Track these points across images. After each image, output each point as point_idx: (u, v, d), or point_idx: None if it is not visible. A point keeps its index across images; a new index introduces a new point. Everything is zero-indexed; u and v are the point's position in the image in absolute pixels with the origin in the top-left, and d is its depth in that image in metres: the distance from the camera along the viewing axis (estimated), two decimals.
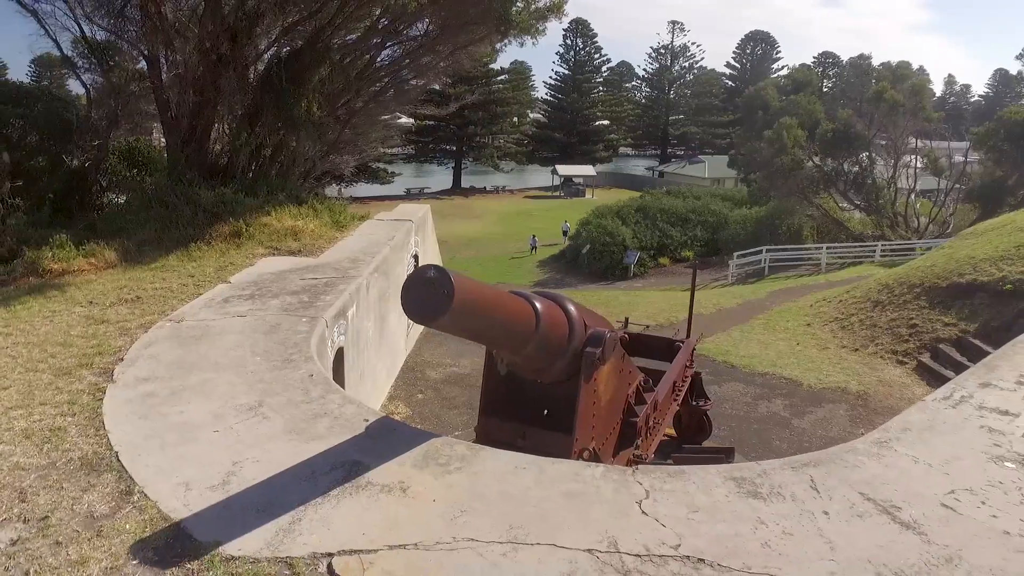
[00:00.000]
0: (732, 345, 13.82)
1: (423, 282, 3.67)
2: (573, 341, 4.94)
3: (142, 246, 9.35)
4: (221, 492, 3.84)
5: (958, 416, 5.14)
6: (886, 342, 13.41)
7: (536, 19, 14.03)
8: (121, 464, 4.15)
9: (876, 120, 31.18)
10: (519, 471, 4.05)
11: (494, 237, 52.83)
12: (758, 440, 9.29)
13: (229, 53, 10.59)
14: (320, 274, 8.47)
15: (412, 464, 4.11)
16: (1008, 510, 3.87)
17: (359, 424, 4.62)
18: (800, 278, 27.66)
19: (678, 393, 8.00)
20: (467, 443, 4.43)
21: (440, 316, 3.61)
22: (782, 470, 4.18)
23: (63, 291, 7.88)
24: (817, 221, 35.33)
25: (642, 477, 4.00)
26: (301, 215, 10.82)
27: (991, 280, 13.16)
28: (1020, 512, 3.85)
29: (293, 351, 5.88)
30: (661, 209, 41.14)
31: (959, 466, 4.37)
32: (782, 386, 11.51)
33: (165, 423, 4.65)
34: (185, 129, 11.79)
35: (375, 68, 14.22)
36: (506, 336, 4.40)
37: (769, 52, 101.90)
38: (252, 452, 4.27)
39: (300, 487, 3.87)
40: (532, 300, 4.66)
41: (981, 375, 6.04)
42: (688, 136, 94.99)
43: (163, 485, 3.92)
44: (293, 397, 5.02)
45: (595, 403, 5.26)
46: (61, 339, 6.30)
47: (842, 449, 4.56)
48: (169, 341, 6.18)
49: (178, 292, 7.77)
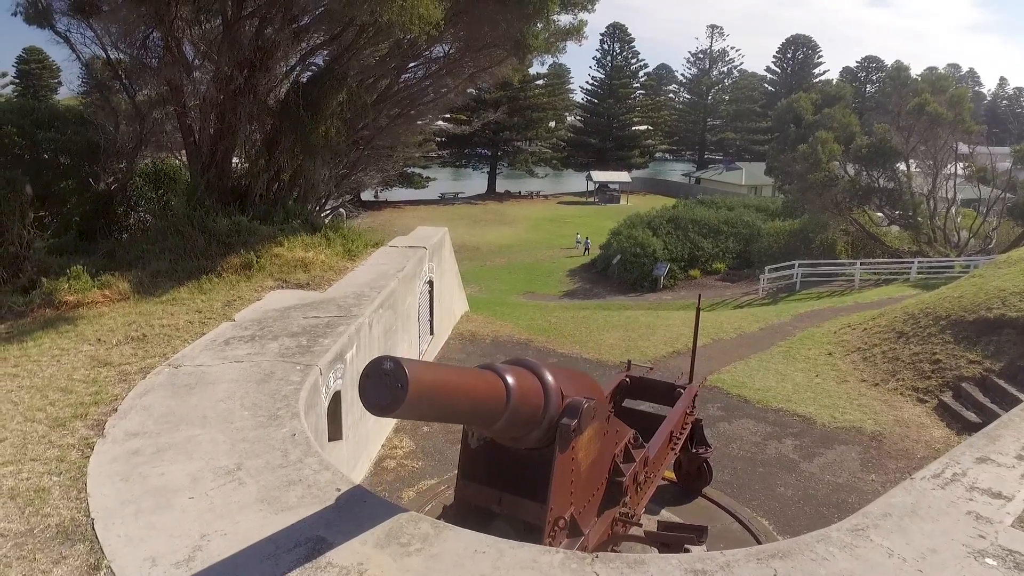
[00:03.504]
0: (748, 376, 13.61)
1: (379, 373, 3.69)
2: (549, 411, 4.91)
3: (156, 277, 9.59)
4: (185, 569, 3.92)
5: (945, 499, 4.99)
6: (907, 378, 13.07)
7: (556, 40, 14.02)
8: (95, 533, 4.27)
9: (915, 133, 30.38)
10: (477, 555, 4.05)
11: (526, 244, 52.86)
12: (762, 486, 9.13)
13: (246, 82, 10.80)
14: (323, 311, 8.58)
15: (374, 543, 4.15)
16: None
17: (331, 494, 4.68)
18: (830, 297, 27.13)
19: (676, 441, 7.92)
20: (432, 520, 4.45)
21: (394, 408, 3.62)
22: (746, 563, 4.11)
23: (75, 325, 8.12)
24: (852, 236, 34.59)
25: (600, 567, 3.98)
26: (313, 244, 10.97)
27: (1020, 316, 12.73)
28: None
29: (281, 405, 5.97)
30: (693, 220, 40.68)
31: (935, 561, 4.24)
32: (794, 424, 11.29)
33: (144, 486, 4.77)
34: (206, 155, 12.05)
35: (395, 91, 14.34)
36: (473, 416, 4.41)
37: (811, 56, 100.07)
38: (222, 523, 4.35)
39: (261, 566, 3.93)
40: (504, 375, 4.64)
41: (980, 447, 5.86)
42: (726, 142, 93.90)
43: (131, 559, 4.02)
44: (271, 460, 5.10)
45: (573, 470, 5.22)
46: (64, 383, 6.50)
47: (814, 538, 4.46)
48: (164, 389, 6.32)
49: (183, 330, 7.95)
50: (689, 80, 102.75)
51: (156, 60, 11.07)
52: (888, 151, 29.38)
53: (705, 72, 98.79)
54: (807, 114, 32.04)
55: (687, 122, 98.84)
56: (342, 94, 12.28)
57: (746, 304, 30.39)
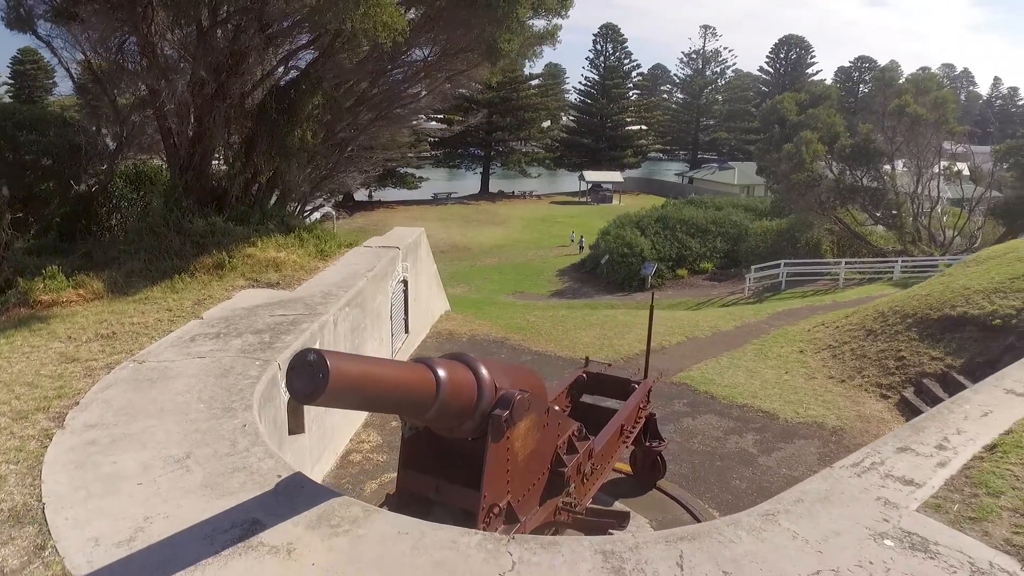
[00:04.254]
0: (718, 373, 13.89)
1: (303, 364, 3.94)
2: (482, 403, 5.16)
3: (130, 277, 9.84)
4: (125, 548, 4.19)
5: (859, 486, 5.25)
6: (872, 374, 13.37)
7: (530, 44, 14.30)
8: (44, 517, 4.53)
9: (899, 133, 30.73)
10: (400, 536, 4.32)
11: (517, 244, 53.19)
12: (717, 479, 9.41)
13: (220, 87, 11.05)
14: (290, 310, 8.85)
15: (306, 525, 4.42)
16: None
17: (271, 480, 4.95)
18: (812, 296, 27.44)
19: (628, 435, 8.19)
20: (363, 504, 4.71)
21: (316, 396, 3.88)
22: (655, 544, 4.37)
23: (47, 324, 8.38)
24: (837, 235, 34.93)
25: (515, 548, 4.25)
26: (286, 245, 11.23)
27: (981, 313, 13.03)
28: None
29: (236, 398, 6.24)
30: (681, 220, 41.06)
31: (836, 543, 4.49)
32: (757, 419, 11.57)
33: (96, 474, 5.03)
34: (184, 157, 12.30)
35: (373, 94, 14.60)
36: (399, 406, 4.67)
37: (803, 57, 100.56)
38: (165, 507, 4.61)
39: (197, 546, 4.20)
40: (436, 368, 4.90)
41: (904, 438, 6.12)
42: (719, 142, 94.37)
43: (75, 540, 4.28)
44: (220, 449, 5.36)
45: (509, 459, 5.48)
46: (31, 379, 6.76)
47: (725, 522, 4.72)
48: (126, 384, 6.58)
49: (152, 328, 8.21)
50: (682, 80, 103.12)
51: (133, 65, 11.32)
52: (871, 151, 29.75)
53: (698, 72, 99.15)
54: (791, 115, 32.39)
55: (680, 122, 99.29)
56: (317, 98, 12.54)
57: (732, 303, 30.71)
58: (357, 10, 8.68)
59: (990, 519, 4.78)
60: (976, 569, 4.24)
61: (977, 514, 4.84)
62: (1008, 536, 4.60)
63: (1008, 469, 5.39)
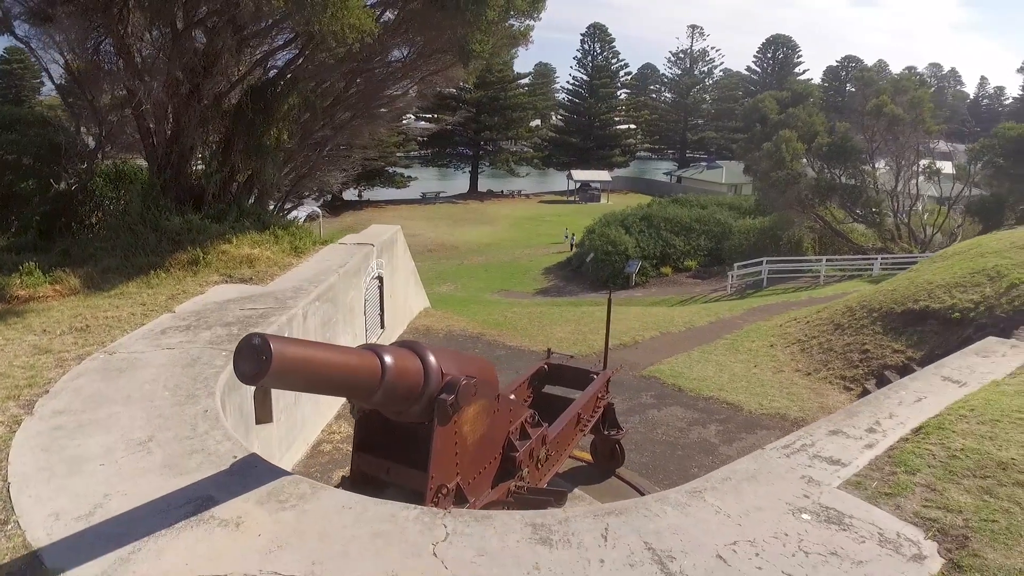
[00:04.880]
0: (687, 367, 14.22)
1: (249, 347, 4.22)
2: (428, 388, 5.43)
3: (106, 273, 10.08)
4: (84, 522, 4.45)
5: (786, 465, 5.55)
6: (837, 367, 13.73)
7: (503, 45, 14.59)
8: (9, 495, 4.78)
9: (877, 133, 31.22)
10: (344, 510, 4.60)
11: (504, 243, 53.52)
12: (676, 467, 9.72)
13: (195, 88, 11.29)
14: (260, 304, 9.11)
15: (255, 500, 4.69)
16: (776, 562, 4.22)
17: (227, 461, 5.21)
18: (789, 292, 27.83)
19: (585, 424, 8.49)
20: (311, 482, 4.99)
21: (259, 377, 4.16)
22: (584, 518, 4.65)
23: (23, 318, 8.61)
24: (818, 233, 35.40)
25: (450, 520, 4.53)
26: (260, 242, 11.49)
27: (942, 307, 13.40)
28: (785, 564, 4.24)
29: (200, 386, 6.50)
30: (665, 218, 41.51)
31: (756, 517, 4.77)
32: (722, 411, 11.90)
33: (61, 456, 5.29)
34: (162, 156, 12.54)
35: (350, 94, 14.86)
36: (345, 388, 4.95)
37: (791, 56, 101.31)
38: (125, 485, 4.87)
39: (152, 520, 4.46)
40: (383, 354, 5.18)
41: (837, 422, 6.43)
42: (707, 141, 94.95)
43: (37, 515, 4.54)
44: (180, 432, 5.63)
45: (457, 443, 5.77)
46: (3, 369, 6.99)
47: (654, 498, 5.02)
48: (96, 373, 6.84)
49: (125, 321, 8.45)
50: (670, 80, 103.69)
51: (109, 65, 11.56)
52: (849, 149, 30.23)
53: (686, 72, 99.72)
54: (772, 113, 32.89)
55: (668, 121, 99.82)
56: (293, 98, 12.79)
57: (714, 300, 31.12)
58: (324, 13, 8.95)
59: (904, 494, 5.08)
60: (884, 539, 4.53)
61: (893, 490, 5.14)
62: (918, 509, 4.91)
63: (928, 449, 5.71)
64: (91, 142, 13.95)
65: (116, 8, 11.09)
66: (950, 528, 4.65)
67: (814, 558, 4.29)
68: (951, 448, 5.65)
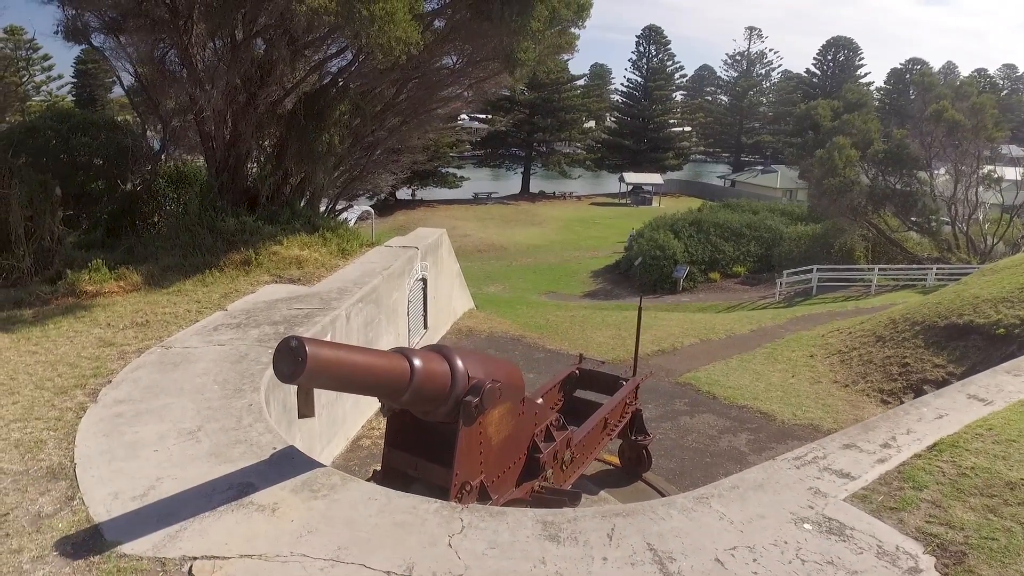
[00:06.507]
0: (724, 375, 14.29)
1: (287, 349, 4.65)
2: (455, 390, 5.80)
3: (166, 271, 10.77)
4: (139, 502, 4.96)
5: (795, 476, 5.71)
6: (876, 380, 13.62)
7: (548, 53, 14.92)
8: (75, 475, 5.33)
9: (936, 140, 30.42)
10: (370, 501, 5.00)
11: (554, 245, 53.74)
12: (703, 474, 9.87)
13: (252, 96, 11.94)
14: (306, 304, 9.64)
15: (291, 489, 5.13)
16: (772, 567, 4.43)
17: (267, 452, 5.68)
18: (837, 302, 27.38)
19: (612, 429, 8.75)
20: (343, 474, 5.41)
21: (296, 376, 4.58)
22: (592, 518, 4.95)
23: (90, 311, 9.32)
24: (871, 241, 34.63)
25: (466, 514, 4.88)
26: (310, 243, 12.06)
27: (987, 323, 13.18)
28: (780, 570, 4.43)
29: (247, 382, 7.01)
30: (716, 223, 41.14)
31: (759, 525, 4.97)
32: (754, 420, 11.97)
33: (120, 441, 5.83)
34: (220, 159, 13.25)
35: (400, 100, 15.39)
36: (377, 390, 5.35)
37: (851, 59, 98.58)
38: (175, 470, 5.38)
39: (198, 502, 4.94)
40: (412, 357, 5.56)
41: (852, 436, 6.53)
42: (762, 145, 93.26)
43: (98, 493, 5.07)
44: (227, 424, 6.13)
45: (482, 442, 6.12)
46: (72, 359, 7.65)
47: (661, 503, 5.27)
48: (153, 366, 7.42)
49: (181, 318, 9.07)
50: (726, 82, 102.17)
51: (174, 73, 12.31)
52: (904, 157, 29.52)
53: (743, 74, 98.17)
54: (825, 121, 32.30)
55: (723, 124, 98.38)
56: (344, 105, 13.36)
57: (761, 308, 30.82)
58: (372, 26, 9.41)
59: (908, 509, 5.21)
60: (882, 551, 4.69)
61: (898, 504, 5.27)
62: (920, 525, 5.04)
63: (938, 466, 5.81)
64: (156, 144, 14.81)
65: (181, 20, 11.80)
66: (950, 544, 4.78)
67: (810, 566, 4.48)
68: (962, 466, 5.74)
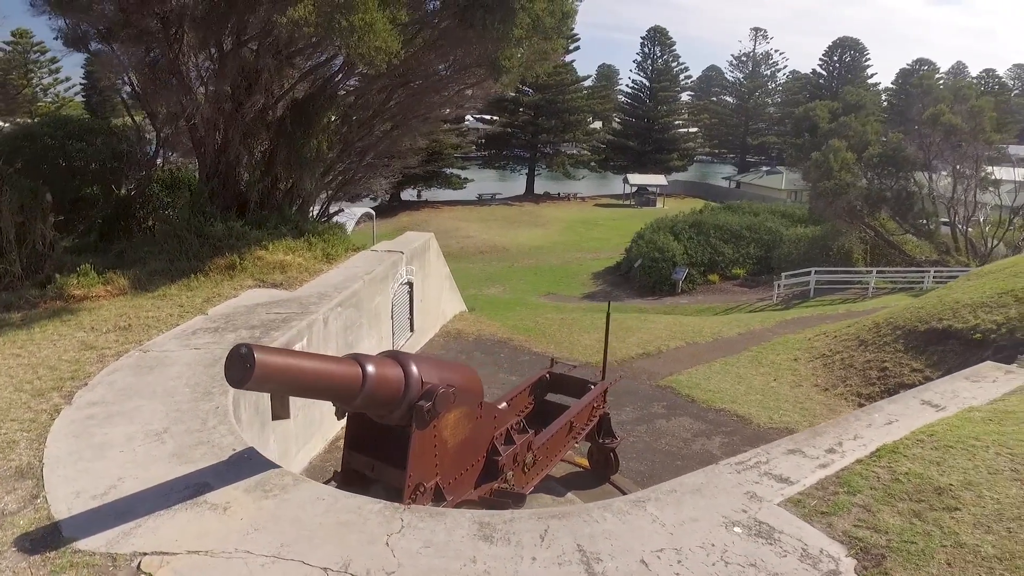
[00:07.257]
0: (706, 378, 14.47)
1: (237, 356, 4.89)
2: (409, 395, 6.05)
3: (152, 275, 11.06)
4: (99, 500, 5.22)
5: (734, 481, 5.90)
6: (855, 384, 13.77)
7: (533, 61, 15.15)
8: (42, 474, 5.61)
9: (934, 143, 30.44)
10: (317, 501, 5.25)
11: (556, 246, 53.90)
12: (672, 477, 10.04)
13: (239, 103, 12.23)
14: (285, 309, 9.90)
15: (244, 489, 5.38)
16: (695, 569, 4.60)
17: (227, 453, 5.93)
18: (831, 304, 27.48)
19: (578, 432, 8.96)
20: (295, 474, 5.66)
21: (245, 382, 4.83)
22: (528, 519, 5.17)
23: (76, 315, 9.62)
24: (869, 244, 34.67)
25: (407, 514, 5.12)
26: (295, 248, 12.33)
27: (965, 327, 13.31)
28: (703, 572, 4.58)
29: (217, 385, 7.28)
30: (716, 225, 41.23)
31: (689, 528, 5.15)
32: (730, 423, 12.15)
33: (89, 442, 6.10)
34: (210, 165, 13.56)
35: (389, 107, 15.65)
36: (326, 394, 5.61)
37: (858, 59, 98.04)
38: (138, 471, 5.64)
39: (155, 500, 5.20)
40: (365, 363, 5.80)
41: (799, 441, 6.71)
42: (768, 146, 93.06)
43: (62, 492, 5.34)
44: (192, 426, 6.39)
45: (436, 445, 6.36)
46: (53, 362, 7.94)
47: (598, 505, 5.47)
48: (130, 369, 7.70)
49: (163, 321, 9.36)
50: (731, 83, 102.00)
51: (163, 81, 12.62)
52: (900, 159, 29.56)
53: (748, 75, 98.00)
54: (823, 122, 32.34)
55: (728, 125, 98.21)
56: (332, 112, 13.64)
57: (759, 309, 30.94)
58: (352, 37, 9.67)
59: (839, 513, 5.40)
60: (806, 554, 4.89)
61: (829, 509, 5.46)
62: (848, 528, 5.23)
63: (875, 472, 6.00)
64: (151, 150, 15.14)
65: (172, 30, 12.10)
66: (872, 547, 4.97)
67: (733, 568, 4.68)
68: (896, 471, 5.92)
